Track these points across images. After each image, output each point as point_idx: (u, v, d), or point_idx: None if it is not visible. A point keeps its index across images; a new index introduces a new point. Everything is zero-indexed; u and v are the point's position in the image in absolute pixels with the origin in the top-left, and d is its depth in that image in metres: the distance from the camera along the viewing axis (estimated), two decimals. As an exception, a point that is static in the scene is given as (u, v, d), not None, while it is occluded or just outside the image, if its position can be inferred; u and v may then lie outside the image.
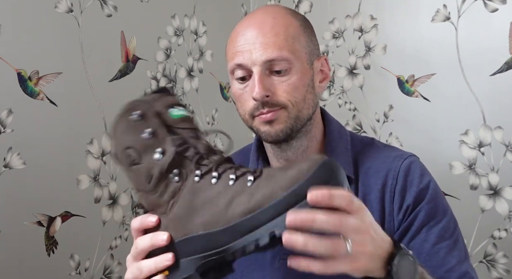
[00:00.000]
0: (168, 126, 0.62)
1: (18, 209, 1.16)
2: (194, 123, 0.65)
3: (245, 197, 0.56)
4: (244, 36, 0.79)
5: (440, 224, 0.78)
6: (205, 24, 1.76)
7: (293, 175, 0.55)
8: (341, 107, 1.72)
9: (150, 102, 0.64)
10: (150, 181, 0.61)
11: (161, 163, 0.61)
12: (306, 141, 0.84)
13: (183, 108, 0.65)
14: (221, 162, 0.61)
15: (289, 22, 0.80)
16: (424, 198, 0.79)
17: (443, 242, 0.77)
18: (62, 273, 1.26)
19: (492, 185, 1.41)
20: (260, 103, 0.77)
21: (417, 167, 0.83)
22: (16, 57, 1.17)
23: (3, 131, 1.14)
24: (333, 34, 1.73)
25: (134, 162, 0.62)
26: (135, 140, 0.62)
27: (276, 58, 0.76)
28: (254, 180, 0.57)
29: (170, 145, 0.61)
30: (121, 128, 0.64)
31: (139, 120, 0.62)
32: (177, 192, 0.60)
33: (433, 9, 1.50)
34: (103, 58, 1.38)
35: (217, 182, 0.59)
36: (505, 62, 1.38)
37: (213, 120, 1.78)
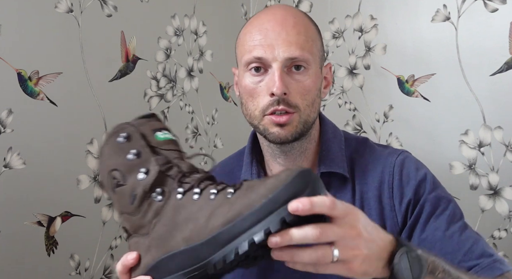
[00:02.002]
0: (152, 147, 0.63)
1: (18, 209, 1.16)
2: (179, 146, 0.66)
3: (224, 208, 0.56)
4: (265, 30, 0.78)
5: (447, 210, 0.78)
6: (205, 24, 1.76)
7: (272, 183, 0.56)
8: (341, 107, 1.72)
9: (136, 125, 0.65)
10: (134, 201, 0.61)
11: (144, 182, 0.61)
12: (306, 143, 0.84)
13: (168, 132, 0.66)
14: (203, 179, 0.61)
15: (308, 24, 0.81)
16: (425, 190, 0.79)
17: (454, 227, 0.77)
18: (62, 273, 1.26)
19: (492, 185, 1.41)
20: (276, 100, 0.76)
21: (411, 161, 0.83)
22: (16, 57, 1.17)
23: (3, 131, 1.14)
24: (333, 34, 1.73)
25: (118, 183, 0.63)
26: (121, 162, 0.63)
27: (298, 57, 0.77)
28: (234, 192, 0.58)
29: (154, 164, 0.62)
30: (107, 151, 0.65)
31: (125, 142, 0.63)
32: (159, 211, 0.60)
33: (433, 9, 1.50)
34: (103, 58, 1.38)
35: (199, 198, 0.59)
36: (505, 62, 1.38)
37: (213, 120, 1.78)
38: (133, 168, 0.62)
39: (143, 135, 0.64)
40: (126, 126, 0.65)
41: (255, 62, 0.78)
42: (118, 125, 0.65)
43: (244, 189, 0.58)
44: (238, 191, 0.58)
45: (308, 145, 0.84)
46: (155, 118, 0.68)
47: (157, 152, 0.63)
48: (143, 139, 0.64)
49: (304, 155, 0.85)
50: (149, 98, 1.52)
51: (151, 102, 1.53)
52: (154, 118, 0.67)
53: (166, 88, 1.59)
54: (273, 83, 0.76)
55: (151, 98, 1.53)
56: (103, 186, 0.66)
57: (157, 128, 0.65)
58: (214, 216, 0.56)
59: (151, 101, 1.53)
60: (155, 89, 1.55)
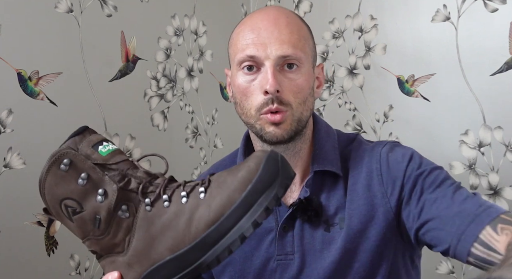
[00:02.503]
0: (101, 165, 0.61)
1: (18, 209, 1.16)
2: (122, 153, 0.63)
3: (203, 210, 0.56)
4: (258, 29, 0.79)
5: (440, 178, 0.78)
6: (205, 24, 1.76)
7: (244, 176, 0.56)
8: (341, 107, 1.72)
9: (74, 147, 0.62)
10: (99, 225, 0.59)
11: (106, 203, 0.59)
12: (300, 143, 0.84)
13: (108, 142, 0.63)
14: (166, 184, 0.60)
15: (300, 24, 0.82)
16: (414, 167, 0.79)
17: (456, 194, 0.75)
18: (62, 273, 1.26)
19: (492, 185, 1.41)
20: (270, 98, 0.77)
21: (398, 147, 0.84)
22: (16, 57, 1.17)
23: (3, 131, 1.14)
24: (333, 34, 1.73)
25: (75, 211, 0.60)
26: (71, 190, 0.60)
27: (290, 55, 0.77)
28: (205, 191, 0.57)
29: (110, 183, 0.60)
30: (51, 182, 0.62)
31: (69, 169, 0.60)
32: (130, 227, 0.59)
33: (433, 9, 1.50)
34: (103, 58, 1.38)
35: (170, 205, 0.58)
36: (505, 62, 1.38)
37: (213, 120, 1.78)
38: (88, 192, 0.60)
39: (86, 155, 0.61)
40: (65, 152, 0.61)
41: (248, 60, 0.78)
42: (55, 152, 0.61)
43: (214, 186, 0.58)
44: (209, 189, 0.58)
45: (302, 145, 0.85)
46: (88, 131, 0.64)
47: (107, 168, 0.61)
48: (88, 159, 0.61)
49: (299, 155, 0.85)
50: (149, 98, 1.52)
51: (151, 102, 1.53)
52: (88, 132, 0.64)
53: (166, 88, 1.59)
54: (266, 81, 0.76)
55: (151, 98, 1.53)
56: (53, 215, 0.63)
57: (95, 142, 0.62)
58: (195, 220, 0.56)
59: (151, 101, 1.53)
60: (155, 89, 1.55)
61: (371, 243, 0.79)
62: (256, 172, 0.56)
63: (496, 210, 0.69)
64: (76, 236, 0.63)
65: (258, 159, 0.57)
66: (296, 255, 0.81)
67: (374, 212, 0.79)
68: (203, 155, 1.73)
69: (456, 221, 0.70)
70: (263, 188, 0.55)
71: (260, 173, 0.56)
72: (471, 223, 0.68)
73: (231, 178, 0.57)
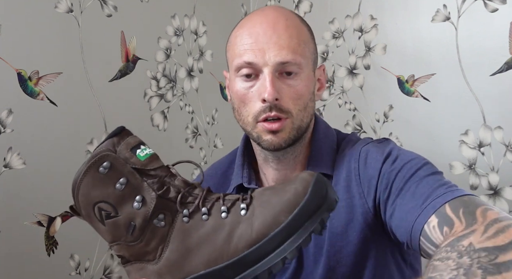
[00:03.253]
0: (139, 170, 0.59)
1: (18, 209, 1.16)
2: (159, 158, 0.62)
3: (244, 227, 0.55)
4: (256, 33, 0.75)
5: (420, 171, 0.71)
6: (205, 24, 1.76)
7: (291, 199, 0.55)
8: (341, 107, 1.72)
9: (112, 149, 0.60)
10: (133, 231, 0.58)
11: (143, 211, 0.58)
12: (299, 148, 0.83)
13: (145, 146, 0.62)
14: (205, 196, 0.59)
15: (301, 26, 0.79)
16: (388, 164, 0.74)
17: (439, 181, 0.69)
18: (62, 273, 1.26)
19: (492, 185, 1.41)
20: (268, 106, 0.75)
21: (380, 145, 0.80)
22: (16, 57, 1.17)
23: (3, 131, 1.14)
24: (333, 34, 1.73)
25: (109, 215, 0.59)
26: (108, 193, 0.59)
27: (289, 61, 0.74)
28: (247, 208, 0.56)
29: (149, 190, 0.59)
30: (88, 183, 0.60)
31: (109, 172, 0.59)
32: (165, 237, 0.58)
33: (433, 9, 1.50)
34: (103, 58, 1.38)
35: (208, 218, 0.57)
36: (505, 62, 1.38)
37: (213, 120, 1.78)
38: (125, 198, 0.58)
39: (125, 159, 0.59)
40: (105, 154, 0.60)
41: (246, 67, 0.76)
42: (96, 153, 0.60)
43: (257, 204, 0.56)
44: (251, 206, 0.56)
45: (301, 149, 0.83)
46: (126, 132, 0.62)
47: (146, 174, 0.60)
48: (127, 163, 0.59)
49: (298, 159, 0.83)
50: (149, 98, 1.52)
51: (151, 102, 1.53)
52: (126, 133, 0.62)
53: (166, 88, 1.59)
54: (264, 88, 0.74)
55: (151, 98, 1.53)
56: (84, 217, 0.61)
57: (133, 145, 0.61)
58: (235, 237, 0.55)
59: (151, 101, 1.53)
60: (155, 89, 1.55)
61: (353, 246, 0.77)
62: (304, 195, 0.55)
63: (444, 197, 0.63)
64: (103, 239, 0.61)
65: (306, 182, 0.56)
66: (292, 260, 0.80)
67: (353, 214, 0.77)
68: (203, 155, 1.73)
69: (408, 216, 0.66)
70: (310, 212, 0.54)
71: (308, 197, 0.55)
72: (417, 217, 0.64)
73: (276, 199, 0.56)
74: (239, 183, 0.85)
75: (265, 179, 0.87)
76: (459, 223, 0.57)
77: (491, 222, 0.53)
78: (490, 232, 0.51)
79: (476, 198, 0.62)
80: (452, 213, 0.60)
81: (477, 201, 0.61)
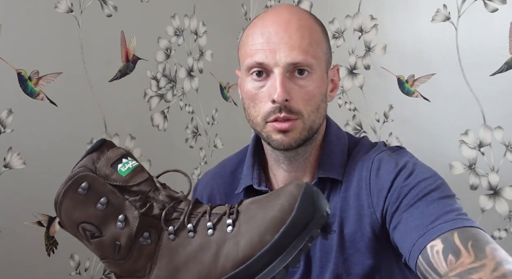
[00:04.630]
0: (121, 188, 0.57)
1: (18, 209, 1.16)
2: (143, 170, 0.60)
3: (231, 246, 0.53)
4: (267, 33, 0.75)
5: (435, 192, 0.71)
6: (205, 24, 1.76)
7: (276, 216, 0.53)
8: (341, 107, 1.72)
9: (92, 167, 0.58)
10: (119, 250, 0.57)
11: (127, 230, 0.56)
12: (311, 149, 0.82)
13: (128, 158, 0.59)
14: (191, 211, 0.57)
15: (314, 26, 0.77)
16: (402, 178, 0.74)
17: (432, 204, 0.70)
18: (62, 273, 1.26)
19: (492, 185, 1.41)
20: (278, 107, 0.74)
21: (394, 155, 0.79)
22: (16, 57, 1.17)
23: (3, 131, 1.14)
24: (333, 34, 1.73)
25: (94, 235, 0.57)
26: (90, 214, 0.57)
27: (300, 62, 0.74)
28: (233, 224, 0.55)
29: (131, 209, 0.57)
30: (68, 205, 0.58)
31: (88, 193, 0.57)
32: (153, 255, 0.57)
33: (433, 9, 1.50)
34: (103, 58, 1.38)
35: (195, 236, 0.56)
36: (505, 62, 1.38)
37: (213, 120, 1.78)
38: (107, 217, 0.57)
39: (105, 176, 0.57)
40: (83, 174, 0.57)
41: (257, 67, 0.75)
42: (72, 175, 0.58)
43: (243, 220, 0.55)
44: (237, 222, 0.55)
45: (312, 150, 0.82)
46: (106, 146, 0.60)
47: (128, 191, 0.57)
48: (107, 181, 0.57)
49: (309, 160, 0.82)
50: (149, 98, 1.52)
51: (151, 102, 1.53)
52: (106, 147, 0.59)
53: (166, 88, 1.59)
54: (274, 89, 0.73)
55: (151, 98, 1.53)
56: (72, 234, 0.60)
57: (114, 160, 0.58)
58: (222, 256, 0.54)
59: (151, 101, 1.53)
60: (155, 89, 1.55)
61: (361, 255, 0.76)
62: (290, 212, 0.52)
63: (454, 223, 0.64)
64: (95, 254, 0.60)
65: (292, 197, 0.53)
66: (301, 262, 0.80)
67: (361, 222, 0.77)
68: (203, 155, 1.73)
69: (411, 233, 0.67)
70: (298, 230, 0.52)
71: (294, 214, 0.52)
72: (421, 236, 0.65)
73: (262, 215, 0.53)
74: (249, 184, 0.84)
75: (275, 181, 0.86)
76: (467, 254, 0.58)
77: (500, 262, 0.54)
78: (499, 271, 0.52)
79: (485, 233, 0.63)
80: (460, 243, 0.60)
81: (487, 237, 0.62)
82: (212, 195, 0.91)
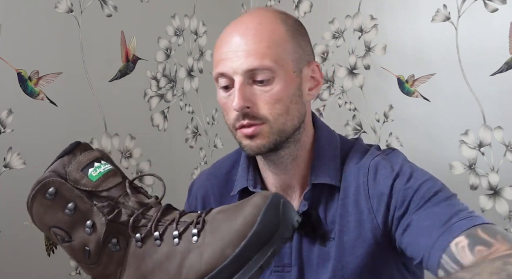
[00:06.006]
0: (89, 193, 0.57)
1: (18, 209, 1.15)
2: (118, 173, 0.59)
3: (194, 257, 0.53)
4: (227, 43, 0.76)
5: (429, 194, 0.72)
6: (205, 24, 1.76)
7: (239, 229, 0.51)
8: (341, 107, 1.72)
9: (62, 172, 0.57)
10: (89, 255, 0.57)
11: (94, 236, 0.56)
12: (296, 150, 0.81)
13: (101, 162, 0.58)
14: (159, 218, 0.57)
15: (274, 27, 0.76)
16: (401, 182, 0.75)
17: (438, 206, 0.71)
18: (62, 273, 1.26)
19: (492, 185, 1.41)
20: (241, 114, 0.74)
21: (388, 158, 0.79)
22: (16, 57, 1.17)
23: (3, 131, 1.14)
24: (333, 34, 1.73)
25: (64, 240, 0.58)
26: (58, 219, 0.57)
27: (257, 67, 0.73)
28: (198, 234, 0.54)
29: (99, 215, 0.56)
30: (38, 209, 0.58)
31: (55, 198, 0.56)
32: (122, 261, 0.56)
33: (433, 9, 1.50)
34: (103, 58, 1.38)
35: (161, 244, 0.55)
36: (505, 62, 1.38)
37: (213, 120, 1.78)
38: (76, 223, 0.56)
39: (74, 181, 0.57)
40: (50, 180, 0.57)
41: (220, 77, 0.76)
42: (40, 180, 0.58)
43: (208, 230, 0.54)
44: (202, 232, 0.54)
45: (298, 152, 0.81)
46: (79, 149, 0.59)
47: (97, 196, 0.57)
48: (75, 186, 0.57)
49: (296, 162, 0.81)
50: (149, 98, 1.52)
51: (151, 102, 1.53)
52: (79, 150, 0.59)
53: (166, 88, 1.59)
54: (234, 98, 0.74)
55: (151, 98, 1.53)
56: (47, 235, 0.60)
57: (85, 164, 0.58)
58: (186, 267, 0.53)
59: (151, 101, 1.53)
60: (155, 89, 1.55)
61: (360, 261, 0.76)
62: (252, 225, 0.51)
63: (472, 221, 0.66)
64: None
65: (256, 209, 0.52)
66: (293, 268, 0.79)
67: (361, 229, 0.77)
68: (203, 155, 1.73)
69: (430, 232, 0.67)
70: (259, 245, 0.51)
71: (256, 227, 0.51)
72: (442, 234, 0.66)
73: (226, 226, 0.52)
74: (244, 186, 0.84)
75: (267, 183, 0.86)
76: (500, 244, 0.60)
77: None
78: None
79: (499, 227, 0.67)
80: (488, 236, 0.63)
81: (508, 232, 0.65)
82: (206, 195, 0.91)
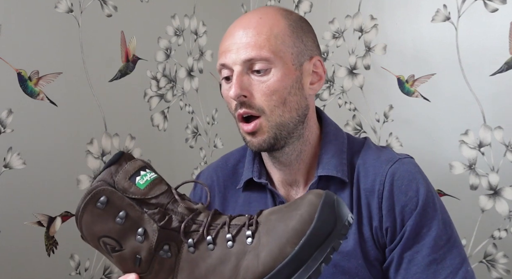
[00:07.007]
0: (139, 201, 0.57)
1: (18, 209, 1.16)
2: (163, 181, 0.60)
3: (251, 258, 0.53)
4: (230, 36, 0.78)
5: (430, 236, 0.75)
6: (205, 24, 1.76)
7: (296, 227, 0.52)
8: (341, 107, 1.72)
9: (110, 181, 0.58)
10: (139, 263, 0.57)
11: (146, 244, 0.56)
12: (300, 145, 0.81)
13: (146, 170, 0.59)
14: (210, 222, 0.57)
15: (275, 21, 0.78)
16: (412, 209, 0.76)
17: (436, 253, 0.75)
18: (62, 273, 1.26)
19: (492, 185, 1.41)
20: (238, 103, 0.76)
21: (406, 171, 0.79)
22: (16, 57, 1.17)
23: (3, 131, 1.14)
24: (333, 34, 1.73)
25: (115, 249, 0.58)
26: (109, 228, 0.57)
27: (254, 57, 0.75)
28: (253, 236, 0.54)
29: (150, 222, 0.57)
30: (88, 220, 0.58)
31: (107, 207, 0.57)
32: (173, 268, 0.57)
33: (433, 9, 1.50)
34: (103, 58, 1.38)
35: (214, 248, 0.55)
36: (505, 62, 1.38)
37: (213, 120, 1.78)
38: (127, 231, 0.57)
39: (123, 190, 0.57)
40: (101, 189, 0.57)
41: (222, 68, 0.79)
42: (91, 189, 0.58)
43: (263, 232, 0.54)
44: (257, 234, 0.54)
45: (302, 147, 0.81)
46: (124, 158, 0.59)
47: (146, 204, 0.57)
48: (125, 195, 0.57)
49: (300, 157, 0.82)
50: (149, 98, 1.52)
51: (151, 102, 1.53)
52: (124, 159, 0.59)
53: (166, 88, 1.59)
54: (232, 87, 0.76)
55: (151, 98, 1.53)
56: (94, 247, 0.60)
57: (132, 172, 0.58)
58: (242, 269, 0.53)
59: (151, 101, 1.53)
60: (155, 89, 1.55)
61: (355, 268, 0.77)
62: (310, 223, 0.51)
63: None
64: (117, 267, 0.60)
65: (312, 206, 0.52)
66: None
67: (363, 233, 0.78)
68: (203, 155, 1.73)
69: None
70: (318, 242, 0.51)
71: (314, 224, 0.51)
72: None
73: (282, 226, 0.53)
74: (249, 178, 0.85)
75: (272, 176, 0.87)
76: None
77: None
78: None
79: None
80: None
81: None
82: (211, 187, 0.91)
